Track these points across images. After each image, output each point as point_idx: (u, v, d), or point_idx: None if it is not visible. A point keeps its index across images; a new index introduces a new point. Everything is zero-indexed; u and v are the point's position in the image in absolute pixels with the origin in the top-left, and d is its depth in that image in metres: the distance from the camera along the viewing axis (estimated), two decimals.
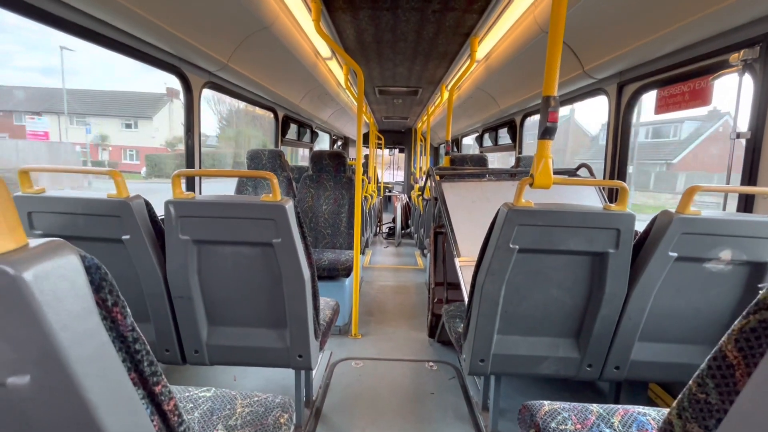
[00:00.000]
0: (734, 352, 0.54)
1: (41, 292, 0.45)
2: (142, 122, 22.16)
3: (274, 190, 1.46)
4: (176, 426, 0.69)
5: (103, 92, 24.21)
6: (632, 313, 1.49)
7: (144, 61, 2.16)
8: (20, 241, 0.48)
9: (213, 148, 18.11)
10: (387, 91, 5.34)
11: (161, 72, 2.31)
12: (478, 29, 2.86)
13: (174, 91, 21.57)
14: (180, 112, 2.69)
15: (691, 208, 1.36)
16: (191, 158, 2.62)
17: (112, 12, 1.65)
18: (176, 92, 14.11)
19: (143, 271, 1.53)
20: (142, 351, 0.61)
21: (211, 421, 1.11)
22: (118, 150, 22.26)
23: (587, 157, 19.53)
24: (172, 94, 21.98)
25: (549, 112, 1.44)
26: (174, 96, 21.85)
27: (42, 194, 1.44)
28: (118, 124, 22.08)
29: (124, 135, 22.15)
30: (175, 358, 1.69)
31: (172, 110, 22.52)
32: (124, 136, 22.17)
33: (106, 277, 0.54)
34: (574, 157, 21.17)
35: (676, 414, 0.63)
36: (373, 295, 3.94)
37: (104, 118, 21.91)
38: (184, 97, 2.56)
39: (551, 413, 1.19)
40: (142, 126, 22.22)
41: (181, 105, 2.62)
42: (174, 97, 21.91)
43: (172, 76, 2.42)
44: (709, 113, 15.34)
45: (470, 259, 2.02)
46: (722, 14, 1.50)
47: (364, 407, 2.11)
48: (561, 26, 1.43)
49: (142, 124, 22.22)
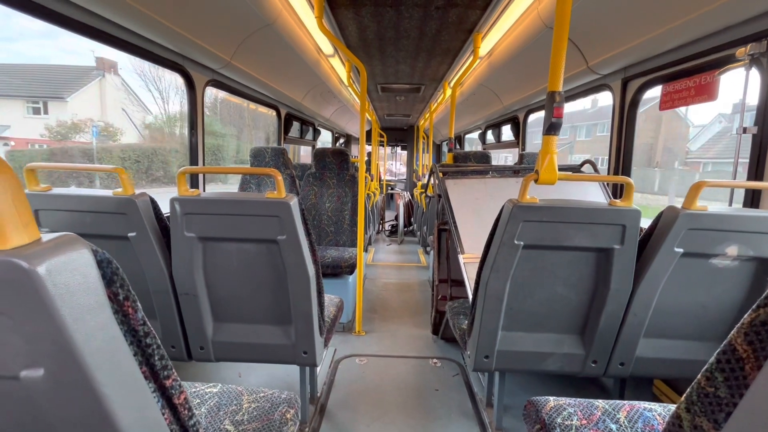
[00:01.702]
0: (744, 345, 0.54)
1: (54, 285, 0.45)
2: (52, 105, 13.89)
3: (279, 187, 1.46)
4: (186, 419, 0.69)
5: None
6: (637, 309, 1.49)
7: (148, 59, 2.17)
8: (33, 235, 0.48)
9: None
10: (389, 88, 5.33)
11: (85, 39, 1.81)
12: (481, 25, 2.84)
13: (108, 63, 13.59)
14: (117, 92, 2.50)
15: (698, 204, 1.35)
16: (195, 156, 2.63)
17: (117, 11, 1.65)
18: (111, 65, 8.67)
19: (149, 268, 1.54)
20: (153, 345, 0.61)
21: (218, 416, 1.12)
22: (24, 144, 13.86)
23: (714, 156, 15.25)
24: (104, 66, 13.85)
25: (554, 107, 1.43)
26: (108, 70, 13.76)
27: (49, 192, 1.45)
28: (22, 108, 13.98)
29: (32, 123, 13.71)
30: (181, 354, 1.70)
31: (104, 89, 14.10)
32: (32, 125, 13.65)
33: (117, 271, 0.55)
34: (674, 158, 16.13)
35: (685, 408, 0.63)
36: (377, 293, 3.95)
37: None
38: (188, 96, 2.57)
39: (557, 409, 1.19)
40: (54, 109, 13.94)
41: (121, 82, 2.44)
42: (109, 71, 13.85)
43: (102, 45, 2.12)
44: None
45: (474, 256, 2.02)
46: (728, 8, 1.49)
47: (369, 404, 2.12)
48: (566, 21, 1.42)
49: (54, 108, 13.92)
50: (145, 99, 6.22)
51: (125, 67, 5.41)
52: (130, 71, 6.13)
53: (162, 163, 10.02)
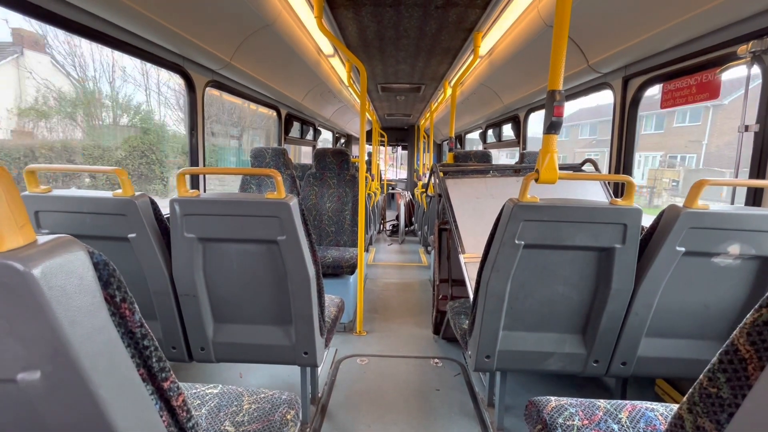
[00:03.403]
0: (746, 345, 0.53)
1: (50, 287, 0.45)
2: None
3: (279, 188, 1.46)
4: (185, 421, 0.69)
5: None
6: (639, 308, 1.48)
7: (148, 60, 2.17)
8: (29, 237, 0.48)
9: None
10: (390, 87, 5.33)
11: None
12: (481, 24, 2.84)
13: (30, 39, 5.06)
14: (35, 78, 2.18)
15: (699, 202, 1.34)
16: (195, 156, 2.63)
17: (116, 12, 1.65)
18: (35, 42, 4.19)
19: (149, 269, 1.54)
20: (151, 347, 0.61)
21: (218, 418, 1.12)
22: None
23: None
24: (24, 42, 4.96)
25: (554, 106, 1.43)
26: (31, 47, 5.10)
27: (49, 193, 1.45)
28: None
29: None
30: (182, 355, 1.70)
31: (21, 71, 5.19)
32: None
33: (114, 273, 0.54)
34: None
35: (687, 409, 0.63)
36: (378, 293, 3.94)
37: None
38: (188, 97, 2.57)
39: (558, 409, 1.18)
40: None
41: (50, 62, 2.20)
42: (31, 48, 5.10)
43: (16, 15, 1.95)
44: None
45: (475, 256, 2.01)
46: (729, 5, 1.48)
47: (370, 404, 2.11)
48: (566, 20, 1.41)
49: None
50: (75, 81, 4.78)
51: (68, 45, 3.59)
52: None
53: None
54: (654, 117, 19.26)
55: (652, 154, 19.48)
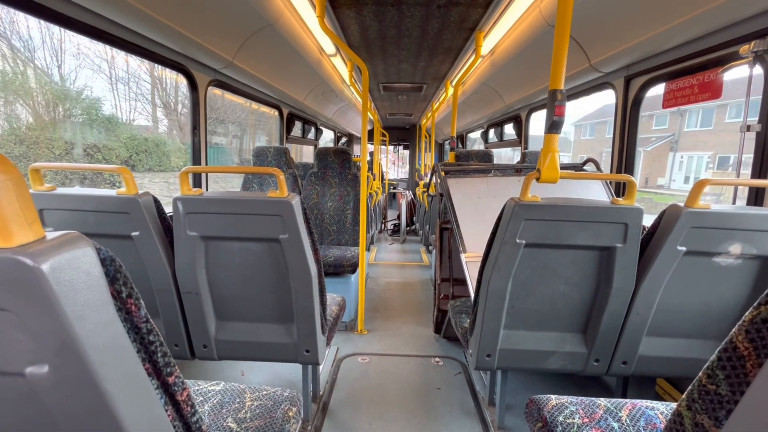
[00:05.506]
0: (745, 343, 0.54)
1: (58, 283, 0.46)
2: None
3: (281, 186, 1.47)
4: (189, 416, 0.70)
5: None
6: (640, 307, 1.48)
7: (151, 59, 2.18)
8: (38, 234, 0.49)
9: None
10: (391, 87, 5.33)
11: None
12: (483, 24, 2.84)
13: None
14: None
15: (700, 202, 1.34)
16: (197, 155, 2.64)
17: (120, 11, 1.66)
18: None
19: (152, 267, 1.55)
20: (156, 342, 0.62)
21: (221, 414, 1.13)
22: None
23: None
24: None
25: (556, 105, 1.43)
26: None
27: (53, 191, 1.46)
28: None
29: None
30: (184, 353, 1.71)
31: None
32: None
33: (120, 269, 0.55)
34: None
35: (686, 406, 0.63)
36: (379, 292, 3.95)
37: None
38: (190, 96, 2.58)
39: (559, 407, 1.19)
40: None
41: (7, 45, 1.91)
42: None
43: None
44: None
45: (476, 255, 2.02)
46: (732, 5, 1.48)
47: (371, 402, 2.12)
48: (568, 19, 1.41)
49: None
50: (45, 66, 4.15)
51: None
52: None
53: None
54: (700, 112, 16.38)
55: (697, 154, 16.15)
